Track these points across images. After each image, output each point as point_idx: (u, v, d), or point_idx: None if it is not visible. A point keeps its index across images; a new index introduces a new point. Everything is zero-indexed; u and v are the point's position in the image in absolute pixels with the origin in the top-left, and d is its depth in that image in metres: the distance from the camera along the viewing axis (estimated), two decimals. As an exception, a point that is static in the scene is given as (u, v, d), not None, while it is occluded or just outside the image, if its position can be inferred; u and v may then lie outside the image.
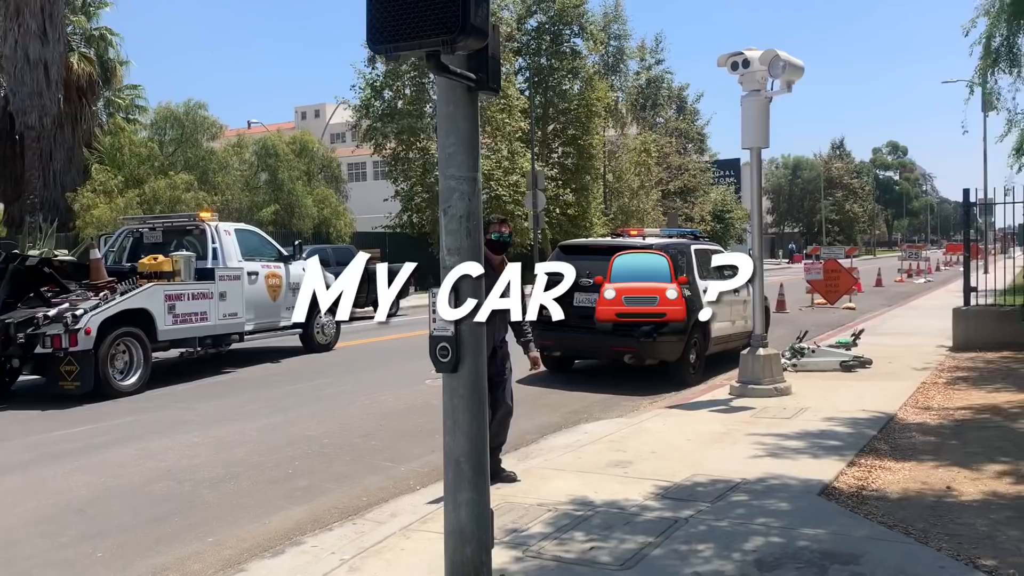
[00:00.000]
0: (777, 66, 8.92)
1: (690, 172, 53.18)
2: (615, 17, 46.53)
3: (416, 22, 3.04)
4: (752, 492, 5.36)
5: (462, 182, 3.51)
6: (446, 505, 3.54)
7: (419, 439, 7.43)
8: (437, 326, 3.53)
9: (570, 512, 5.01)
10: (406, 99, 33.75)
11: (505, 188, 32.34)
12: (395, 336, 16.03)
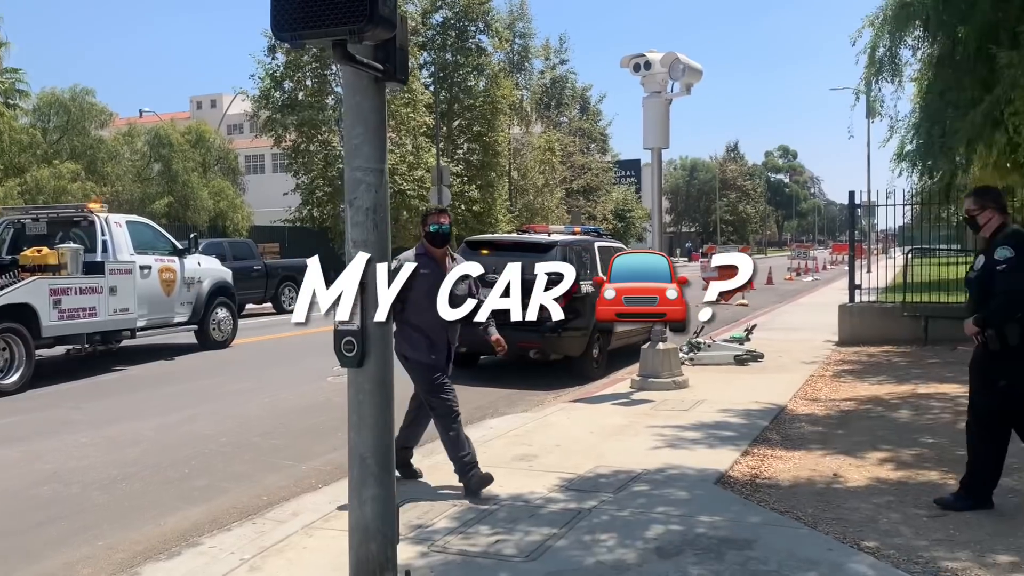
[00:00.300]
0: (677, 69, 9.17)
1: (593, 171, 54.09)
2: (520, 15, 46.86)
3: (323, 10, 2.98)
4: (653, 482, 5.50)
5: (369, 174, 3.46)
6: (351, 501, 3.50)
7: (321, 437, 7.31)
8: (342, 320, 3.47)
9: (475, 506, 5.02)
10: (307, 90, 33.10)
11: (410, 183, 32.14)
12: (295, 333, 15.70)
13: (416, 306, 4.78)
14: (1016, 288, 4.56)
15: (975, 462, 4.88)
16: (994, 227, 4.77)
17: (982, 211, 4.81)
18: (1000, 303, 4.61)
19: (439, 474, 5.77)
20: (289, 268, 20.92)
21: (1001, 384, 4.73)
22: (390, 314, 3.46)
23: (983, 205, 4.82)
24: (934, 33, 11.65)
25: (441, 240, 5.39)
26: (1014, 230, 4.83)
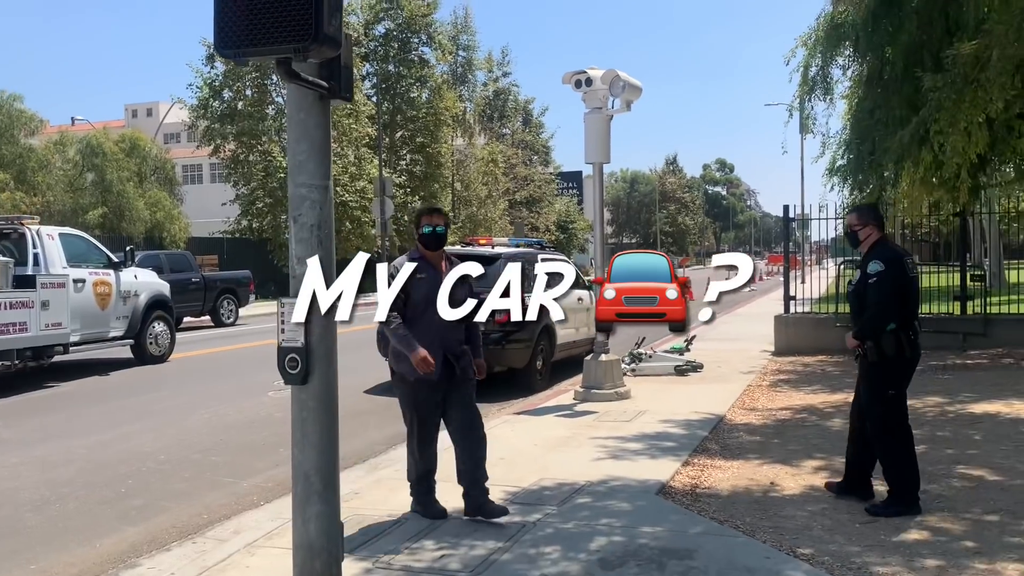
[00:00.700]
0: (617, 85, 9.32)
1: (535, 183, 54.44)
2: (464, 28, 47.00)
3: (268, 28, 2.98)
4: (596, 494, 5.57)
5: (313, 190, 3.47)
6: (295, 519, 3.48)
7: (263, 453, 7.22)
8: (286, 336, 3.45)
9: (420, 521, 5.02)
10: (247, 100, 32.69)
11: (352, 194, 31.94)
12: (235, 346, 15.48)
13: (412, 312, 4.69)
14: (884, 300, 4.83)
15: (891, 469, 5.07)
16: (871, 242, 5.02)
17: (863, 227, 5.06)
18: (871, 315, 4.88)
19: (383, 489, 5.75)
20: (228, 280, 20.59)
21: (889, 393, 4.98)
22: (334, 327, 3.47)
23: (865, 221, 5.08)
24: (863, 54, 12.07)
25: (436, 242, 4.91)
26: (886, 245, 5.09)
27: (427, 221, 4.87)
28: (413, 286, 4.45)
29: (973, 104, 7.37)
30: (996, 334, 12.32)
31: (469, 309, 3.63)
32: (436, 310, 3.79)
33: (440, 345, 4.79)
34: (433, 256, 4.90)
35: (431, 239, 4.89)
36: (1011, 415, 7.73)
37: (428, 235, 4.88)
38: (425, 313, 4.52)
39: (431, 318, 4.21)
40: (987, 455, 6.33)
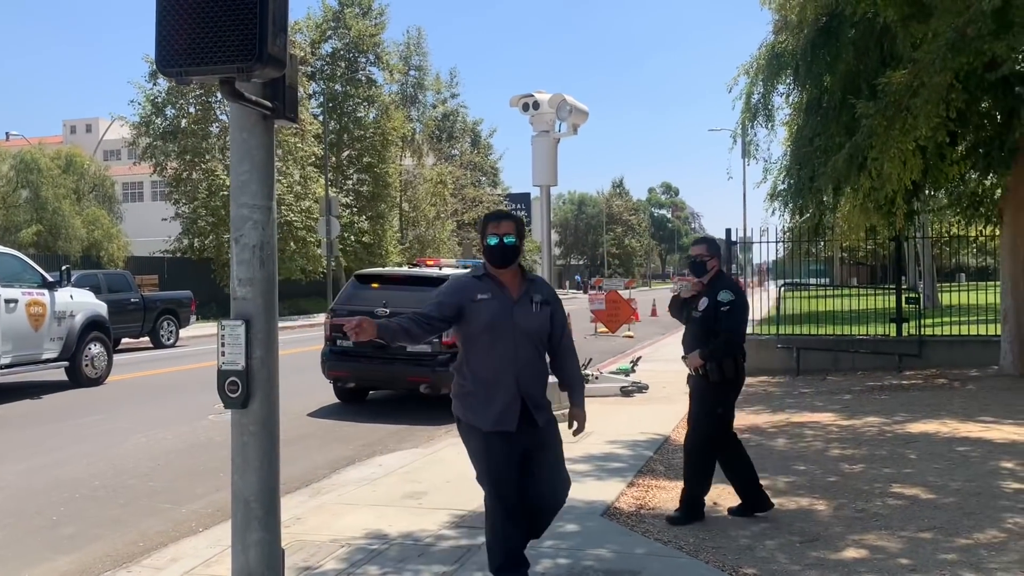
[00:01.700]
0: (564, 109, 9.43)
1: (484, 204, 54.53)
2: (416, 47, 47.04)
3: (211, 48, 2.94)
4: (541, 516, 5.55)
5: (255, 211, 3.42)
6: (234, 547, 3.40)
7: (202, 478, 7.05)
8: (227, 359, 3.38)
9: (364, 547, 4.94)
10: (191, 118, 32.18)
11: (297, 214, 31.60)
12: (175, 368, 15.14)
13: (474, 345, 3.82)
14: (735, 329, 5.32)
15: (691, 480, 5.48)
16: (714, 273, 5.43)
17: (711, 258, 5.44)
18: (724, 340, 5.26)
19: (326, 514, 5.65)
20: (168, 300, 20.14)
21: (719, 411, 5.40)
22: (276, 349, 3.41)
23: (712, 253, 5.47)
24: (803, 82, 12.43)
25: (503, 257, 3.83)
26: (726, 277, 5.59)
27: (493, 230, 3.85)
28: (472, 311, 3.77)
29: (903, 131, 7.66)
30: (930, 355, 12.70)
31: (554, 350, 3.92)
32: (507, 342, 3.72)
33: (515, 387, 3.78)
34: (502, 274, 3.87)
35: (497, 253, 3.84)
36: (945, 434, 7.95)
37: (494, 248, 3.83)
38: (492, 346, 3.77)
39: (501, 352, 3.77)
40: (922, 474, 6.49)
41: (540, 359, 3.89)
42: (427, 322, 3.76)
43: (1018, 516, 5.32)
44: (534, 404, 3.83)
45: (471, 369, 3.84)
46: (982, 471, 6.49)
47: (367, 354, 9.91)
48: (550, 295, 3.93)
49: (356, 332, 3.50)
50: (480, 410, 3.80)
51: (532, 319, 3.81)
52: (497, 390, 3.77)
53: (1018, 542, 4.83)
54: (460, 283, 3.80)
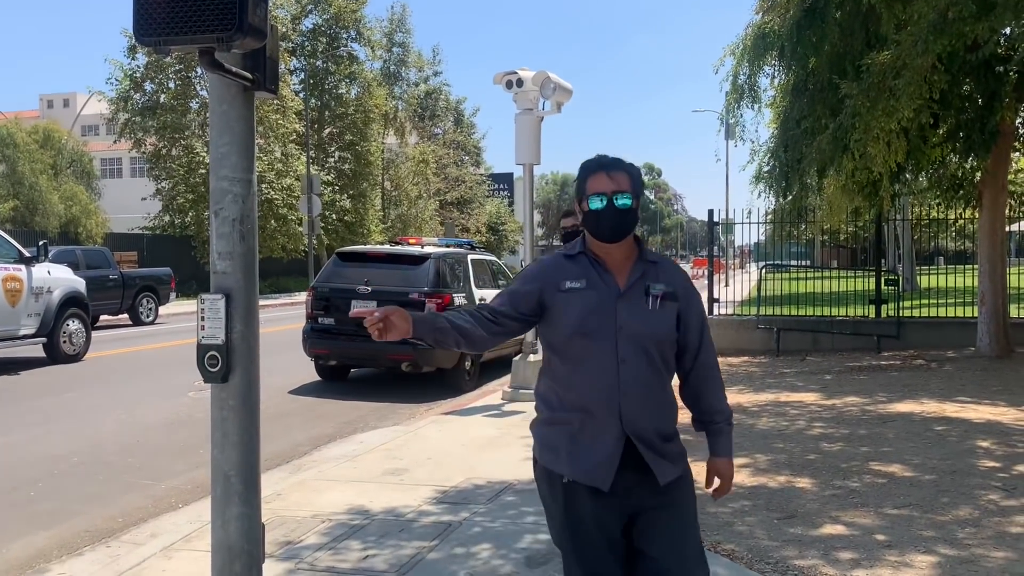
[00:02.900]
0: (548, 87, 9.37)
1: (467, 184, 54.41)
2: (400, 24, 46.60)
3: (190, 17, 2.89)
4: (524, 492, 5.57)
5: (235, 184, 3.37)
6: (214, 521, 3.38)
7: (182, 454, 7.02)
8: (206, 333, 3.35)
9: (345, 522, 4.95)
10: (170, 93, 31.78)
11: (278, 191, 31.37)
12: (155, 345, 15.03)
13: (560, 356, 2.55)
14: None
15: None
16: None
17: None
18: None
19: (306, 490, 5.65)
20: (148, 277, 19.97)
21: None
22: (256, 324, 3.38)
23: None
24: (789, 63, 12.42)
25: (614, 224, 2.50)
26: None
27: (597, 186, 2.50)
28: (556, 304, 2.52)
29: (886, 112, 7.68)
30: (908, 336, 12.83)
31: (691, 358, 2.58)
32: (606, 353, 2.44)
33: (617, 421, 2.46)
34: (608, 252, 2.55)
35: (605, 221, 2.50)
36: (922, 414, 8.04)
37: (601, 214, 2.49)
38: (583, 359, 2.49)
39: (597, 368, 2.46)
40: (899, 452, 6.57)
41: (660, 380, 2.53)
42: (493, 319, 2.58)
43: (992, 493, 5.40)
44: (649, 447, 2.48)
45: (555, 390, 2.56)
46: (958, 450, 6.58)
47: (348, 332, 9.89)
48: (679, 284, 2.57)
49: (381, 330, 2.41)
50: (561, 449, 2.51)
51: (646, 319, 2.48)
52: (589, 424, 2.48)
53: (992, 518, 4.90)
54: (543, 264, 2.63)
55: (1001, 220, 11.86)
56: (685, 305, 2.57)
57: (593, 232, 2.55)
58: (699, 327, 2.62)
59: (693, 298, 2.62)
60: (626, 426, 2.47)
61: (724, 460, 2.70)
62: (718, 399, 2.69)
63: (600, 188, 2.50)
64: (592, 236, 2.56)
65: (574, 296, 2.50)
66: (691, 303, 2.60)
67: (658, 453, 2.52)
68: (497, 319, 2.60)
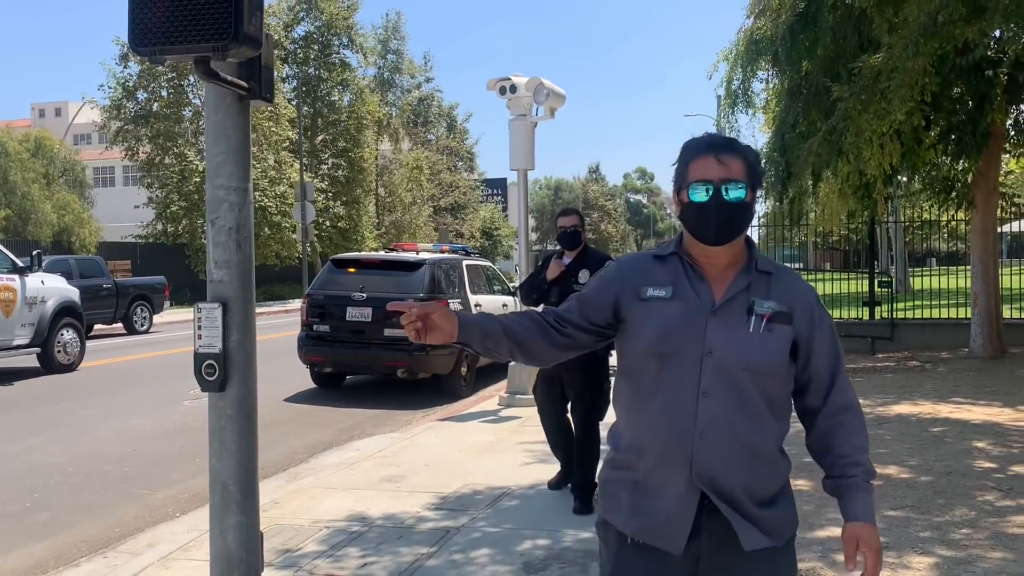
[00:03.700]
0: (541, 93, 9.40)
1: (460, 189, 54.43)
2: (395, 31, 46.62)
3: (185, 26, 2.89)
4: (522, 498, 5.58)
5: (231, 192, 3.38)
6: (212, 530, 3.38)
7: (178, 463, 7.00)
8: (203, 342, 3.35)
9: (344, 529, 4.94)
10: (162, 101, 31.72)
11: (272, 199, 31.35)
12: (149, 354, 14.99)
13: (633, 381, 2.07)
14: None
15: (591, 464, 5.30)
16: (584, 245, 5.42)
17: (584, 229, 5.42)
18: None
19: (304, 498, 5.64)
20: (141, 286, 19.91)
21: (606, 386, 5.25)
22: (253, 332, 3.38)
23: (583, 224, 5.44)
24: (782, 67, 12.49)
25: (721, 222, 1.97)
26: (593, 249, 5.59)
27: (699, 173, 1.98)
28: (634, 315, 2.05)
29: (877, 115, 7.73)
30: (902, 338, 12.87)
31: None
32: (685, 381, 1.95)
33: (687, 469, 1.96)
34: (709, 256, 2.04)
35: (706, 216, 1.98)
36: (918, 415, 8.07)
37: (704, 208, 1.98)
38: (657, 387, 2.00)
39: (671, 399, 1.97)
40: (895, 454, 6.59)
41: (755, 424, 1.97)
42: (559, 326, 2.12)
43: (989, 494, 5.41)
44: (731, 504, 1.96)
45: (624, 423, 2.12)
46: (954, 451, 6.60)
47: (343, 339, 9.88)
48: (799, 303, 2.02)
49: (420, 330, 2.01)
50: (623, 500, 2.07)
51: (745, 344, 1.95)
52: (657, 470, 2.00)
53: (988, 519, 4.92)
54: (625, 264, 2.15)
55: (993, 221, 11.92)
56: (807, 331, 2.01)
57: (693, 230, 2.02)
58: (830, 359, 2.05)
59: (820, 322, 2.04)
60: (698, 477, 1.94)
61: (866, 526, 1.98)
62: (854, 447, 2.05)
63: (706, 175, 1.96)
64: (691, 235, 2.03)
65: (655, 307, 2.01)
66: (816, 328, 2.03)
67: (741, 509, 1.97)
68: (564, 327, 2.12)
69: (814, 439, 2.11)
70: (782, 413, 2.03)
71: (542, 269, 5.53)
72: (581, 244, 5.37)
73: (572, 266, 5.31)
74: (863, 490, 2.01)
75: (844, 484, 2.02)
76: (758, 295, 1.99)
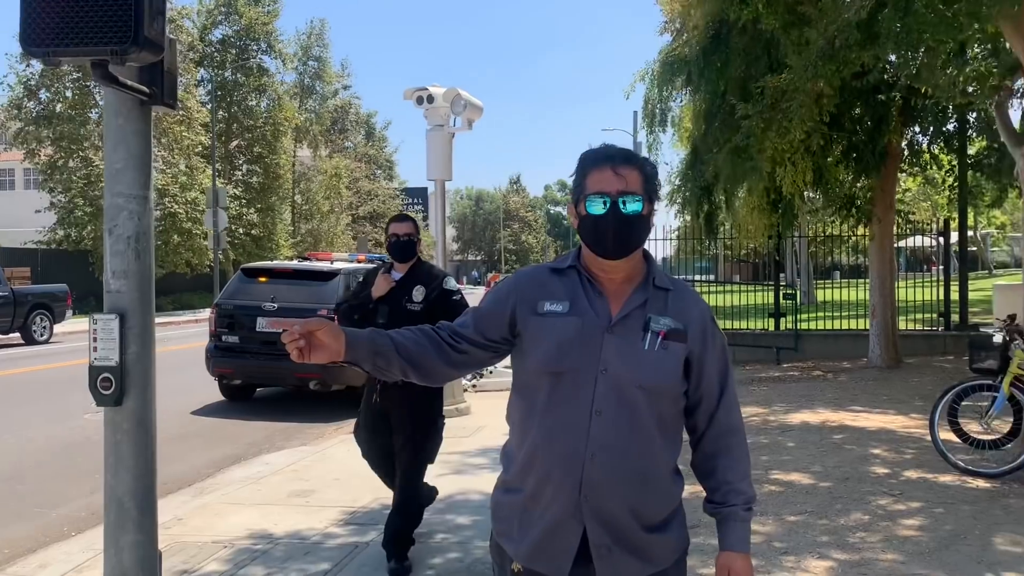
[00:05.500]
0: (459, 104, 9.43)
1: (380, 198, 53.97)
2: (319, 37, 45.93)
3: (82, 27, 2.79)
4: (435, 510, 5.53)
5: (131, 200, 3.28)
6: (107, 549, 3.26)
7: (77, 479, 6.72)
8: (99, 355, 3.24)
9: (248, 547, 4.82)
10: (67, 102, 30.47)
11: (182, 205, 30.45)
12: (49, 366, 14.35)
13: (526, 399, 2.02)
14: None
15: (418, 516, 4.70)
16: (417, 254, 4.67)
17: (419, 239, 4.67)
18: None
19: (208, 514, 5.49)
20: (42, 294, 19.06)
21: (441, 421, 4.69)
22: (152, 344, 3.28)
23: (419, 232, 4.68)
24: (697, 88, 12.88)
25: (617, 237, 1.93)
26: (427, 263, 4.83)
27: (597, 185, 1.94)
28: (530, 330, 1.99)
29: (779, 133, 8.05)
30: (806, 348, 13.35)
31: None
32: (579, 400, 1.90)
33: (575, 494, 1.92)
34: (608, 270, 2.00)
35: (604, 226, 1.94)
36: (819, 422, 8.37)
37: (602, 219, 1.93)
38: (551, 406, 1.95)
39: (564, 419, 1.92)
40: (797, 460, 6.82)
41: (648, 444, 1.95)
42: (453, 342, 2.04)
43: (883, 498, 5.66)
44: (613, 533, 1.93)
45: (516, 444, 2.07)
46: (852, 457, 6.87)
47: (253, 350, 9.66)
48: (694, 320, 2.00)
49: (303, 349, 1.86)
50: (514, 523, 2.04)
51: (639, 362, 1.91)
52: (543, 494, 1.96)
53: (882, 523, 5.14)
54: (523, 277, 2.08)
55: (889, 237, 12.49)
56: (700, 348, 1.98)
57: (590, 243, 1.97)
58: (719, 379, 2.02)
59: (712, 340, 2.01)
60: (586, 500, 1.89)
61: (740, 556, 2.01)
62: (737, 474, 2.04)
63: (603, 187, 1.92)
64: (589, 248, 1.99)
65: (551, 322, 1.95)
66: (709, 347, 2.00)
67: (625, 546, 1.92)
68: (459, 343, 2.03)
69: (699, 460, 2.10)
70: (674, 433, 2.03)
71: (365, 286, 4.70)
72: (415, 256, 4.58)
73: (404, 282, 4.52)
74: (740, 519, 2.03)
75: (724, 512, 2.04)
76: (655, 311, 1.96)
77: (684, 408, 2.04)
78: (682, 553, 2.07)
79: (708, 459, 2.07)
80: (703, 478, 2.10)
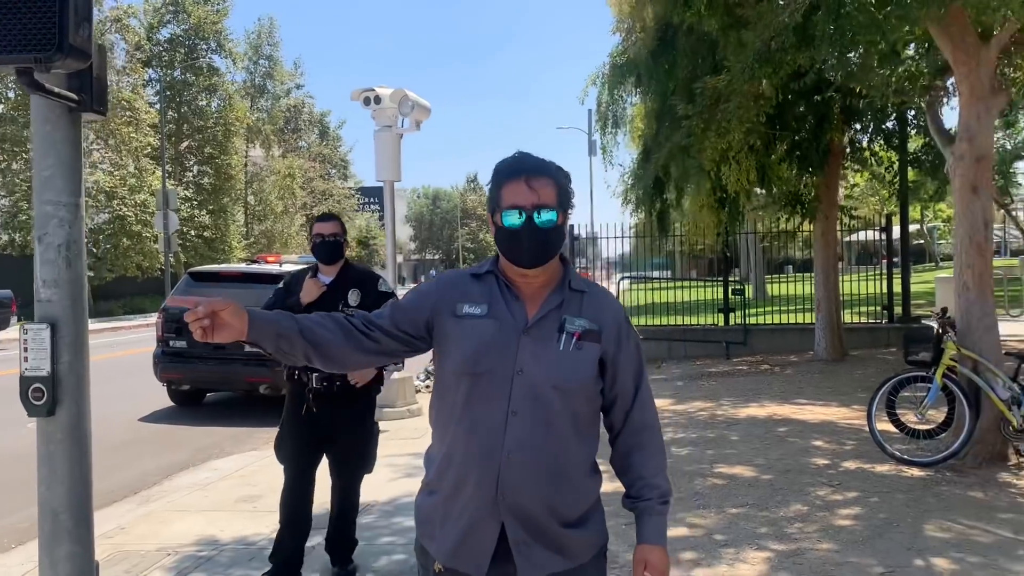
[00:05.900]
0: (406, 105, 9.43)
1: (335, 198, 53.53)
2: (268, 36, 45.38)
3: (5, 34, 2.77)
4: (384, 513, 5.57)
5: (61, 208, 3.25)
6: (41, 561, 3.23)
7: (19, 490, 6.57)
8: (30, 365, 3.21)
9: (193, 554, 4.80)
10: (10, 103, 29.76)
11: (131, 207, 29.93)
12: (-8, 374, 14.02)
13: (445, 400, 2.06)
14: None
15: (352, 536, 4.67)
16: (344, 256, 4.43)
17: (347, 240, 4.43)
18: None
19: (153, 522, 5.44)
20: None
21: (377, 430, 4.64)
22: (85, 353, 3.25)
23: (346, 233, 4.45)
24: (647, 89, 13.07)
25: (532, 248, 2.01)
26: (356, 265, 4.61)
27: (512, 198, 2.02)
28: (447, 333, 2.04)
29: (718, 133, 8.21)
30: (755, 343, 13.59)
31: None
32: (495, 400, 1.95)
33: (492, 492, 1.96)
34: (525, 277, 2.07)
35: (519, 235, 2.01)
36: (764, 416, 8.54)
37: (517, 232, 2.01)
38: (469, 405, 1.99)
39: (481, 419, 1.97)
40: (742, 454, 6.96)
41: (562, 442, 2.00)
42: (366, 330, 2.05)
43: (821, 489, 5.81)
44: (531, 530, 1.98)
45: (436, 445, 2.10)
46: (794, 449, 7.03)
47: (202, 355, 9.55)
48: (608, 321, 2.05)
49: (207, 328, 1.85)
50: (434, 524, 2.07)
51: (555, 362, 1.97)
52: (462, 493, 2.00)
53: (819, 513, 5.28)
54: (445, 279, 2.14)
55: (833, 232, 12.78)
56: (614, 348, 2.04)
57: (507, 254, 2.04)
58: (633, 377, 2.09)
59: (627, 340, 2.07)
60: (503, 498, 1.94)
61: (656, 549, 2.06)
62: (651, 470, 2.11)
63: (518, 200, 1.98)
64: (507, 255, 2.04)
65: (469, 324, 2.00)
66: (623, 346, 2.06)
67: (543, 541, 1.98)
68: (371, 331, 2.05)
69: (616, 457, 2.16)
70: (590, 431, 2.06)
71: (288, 292, 4.38)
72: (342, 258, 4.34)
73: (336, 285, 4.27)
74: (656, 513, 2.09)
75: (640, 506, 2.10)
76: (570, 313, 2.02)
77: (601, 407, 2.10)
78: (600, 549, 2.12)
79: (624, 456, 2.14)
80: (620, 474, 2.17)
